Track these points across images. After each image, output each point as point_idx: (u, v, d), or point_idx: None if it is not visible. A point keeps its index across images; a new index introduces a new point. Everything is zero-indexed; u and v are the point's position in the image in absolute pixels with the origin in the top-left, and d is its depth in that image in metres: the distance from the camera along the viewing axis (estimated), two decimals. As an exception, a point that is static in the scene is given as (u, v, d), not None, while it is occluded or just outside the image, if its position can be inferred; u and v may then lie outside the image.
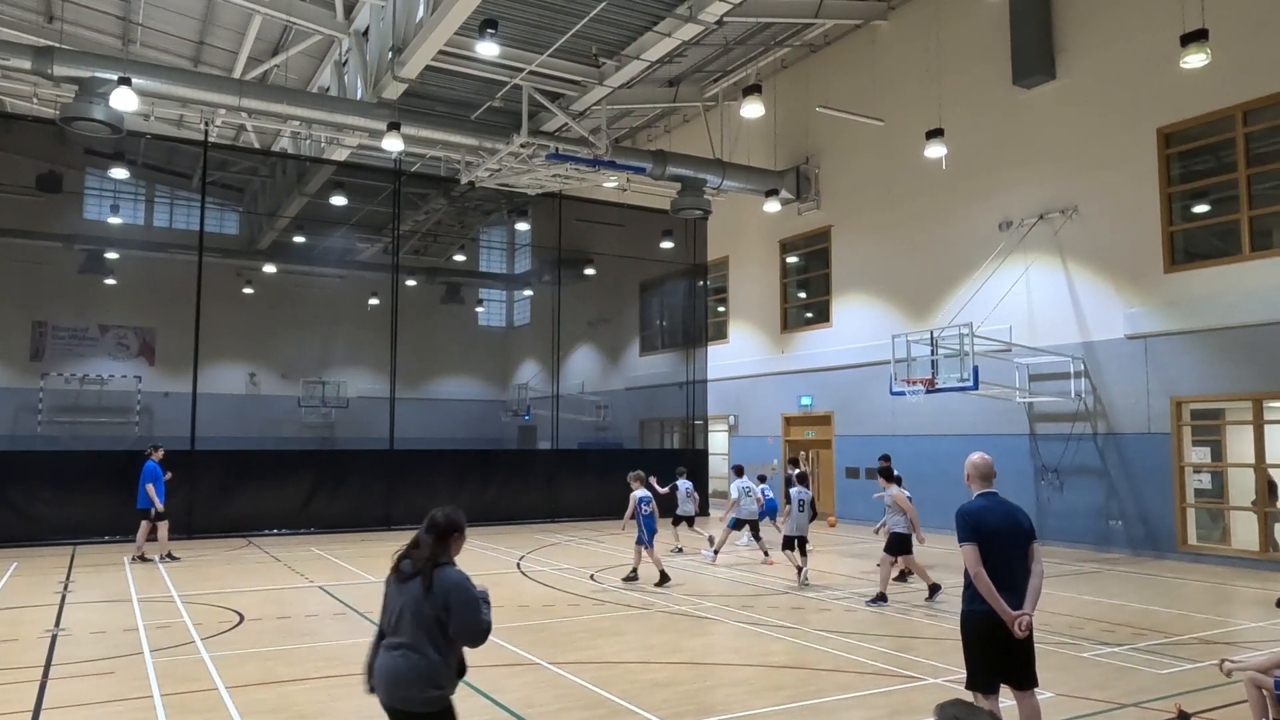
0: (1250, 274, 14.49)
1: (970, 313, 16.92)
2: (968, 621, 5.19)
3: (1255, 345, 14.32)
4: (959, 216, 19.35)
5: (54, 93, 17.12)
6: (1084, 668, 7.96)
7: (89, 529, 17.20)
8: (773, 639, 9.18)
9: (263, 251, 34.06)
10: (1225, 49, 14.19)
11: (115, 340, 33.35)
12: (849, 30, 22.19)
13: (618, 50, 19.43)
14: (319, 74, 23.95)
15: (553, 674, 7.67)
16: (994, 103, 18.67)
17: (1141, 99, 16.07)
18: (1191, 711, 6.41)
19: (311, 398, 35.48)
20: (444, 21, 16.21)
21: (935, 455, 18.48)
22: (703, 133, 24.24)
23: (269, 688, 7.16)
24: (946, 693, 6.99)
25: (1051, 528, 16.77)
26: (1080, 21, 17.26)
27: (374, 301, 33.49)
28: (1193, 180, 15.79)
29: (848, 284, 22.44)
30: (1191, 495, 15.45)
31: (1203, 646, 8.84)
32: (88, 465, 18.25)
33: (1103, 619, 10.15)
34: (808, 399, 23.34)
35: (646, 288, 30.75)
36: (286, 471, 19.80)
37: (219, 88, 18.23)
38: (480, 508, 21.13)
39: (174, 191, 34.30)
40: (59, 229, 30.49)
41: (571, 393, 31.84)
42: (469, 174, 22.13)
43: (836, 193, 22.88)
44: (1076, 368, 16.73)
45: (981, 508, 5.23)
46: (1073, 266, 17.13)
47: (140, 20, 22.13)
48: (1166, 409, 15.47)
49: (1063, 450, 17.00)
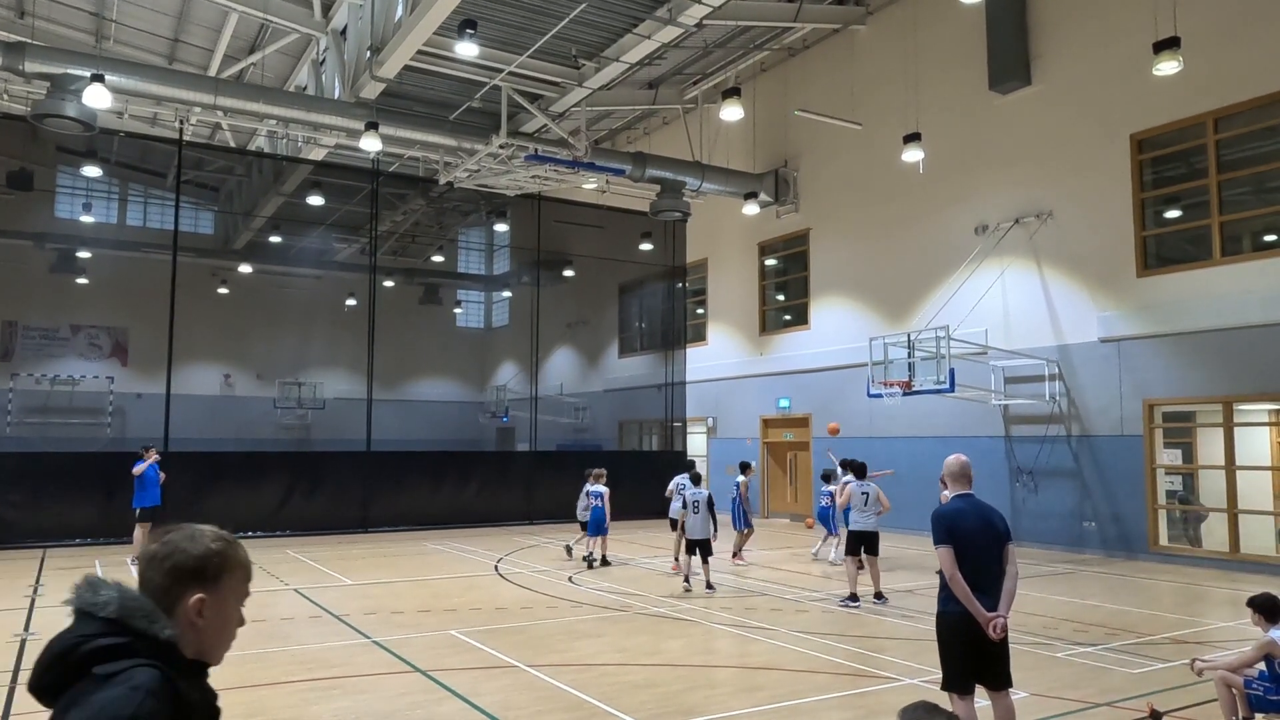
0: (1221, 279, 14.71)
1: (947, 316, 17.04)
2: (943, 622, 5.22)
3: (1225, 349, 14.52)
4: (936, 220, 19.50)
5: (25, 89, 16.88)
6: (1058, 668, 8.04)
7: (59, 532, 16.94)
8: (750, 640, 9.20)
9: (238, 251, 33.76)
10: (1197, 57, 14.39)
11: (87, 340, 32.94)
12: (827, 34, 22.31)
13: (597, 52, 19.43)
14: (296, 73, 23.77)
15: (531, 676, 7.65)
16: (970, 108, 18.83)
17: (1115, 105, 16.27)
18: (1163, 710, 6.49)
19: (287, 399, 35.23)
20: (423, 21, 16.13)
21: (912, 457, 18.59)
22: (682, 135, 24.28)
23: (243, 691, 7.09)
24: (922, 693, 7.03)
25: (1026, 529, 16.92)
26: (1055, 28, 17.46)
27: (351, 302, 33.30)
28: (1165, 186, 16.00)
29: (826, 286, 22.55)
30: (1163, 497, 15.65)
31: (1174, 646, 8.95)
32: (58, 467, 17.98)
33: (1076, 619, 10.25)
34: (786, 401, 23.42)
35: (625, 289, 30.75)
36: (262, 473, 19.62)
37: (194, 86, 18.04)
38: (458, 509, 21.06)
39: (148, 190, 33.95)
40: (30, 227, 30.11)
41: (550, 394, 31.80)
42: (447, 174, 22.05)
43: (815, 196, 22.99)
44: (1051, 370, 16.90)
45: (957, 510, 5.26)
46: (1047, 270, 17.31)
47: (114, 17, 21.87)
48: (1139, 411, 15.66)
49: (1037, 452, 17.16)
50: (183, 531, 1.88)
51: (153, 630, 1.72)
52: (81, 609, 1.74)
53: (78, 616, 1.74)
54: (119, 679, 1.64)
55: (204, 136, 25.16)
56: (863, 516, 11.84)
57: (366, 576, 13.69)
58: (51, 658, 1.70)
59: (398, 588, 12.64)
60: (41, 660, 1.71)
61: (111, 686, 1.63)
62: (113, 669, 1.65)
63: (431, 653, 8.51)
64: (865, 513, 11.85)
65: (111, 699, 1.61)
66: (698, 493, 12.54)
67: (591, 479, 14.92)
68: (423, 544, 17.92)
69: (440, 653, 8.53)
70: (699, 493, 12.54)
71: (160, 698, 1.64)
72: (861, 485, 12.06)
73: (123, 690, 1.62)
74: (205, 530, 1.89)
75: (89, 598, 1.74)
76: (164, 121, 20.73)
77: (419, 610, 10.76)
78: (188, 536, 1.86)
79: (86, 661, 1.67)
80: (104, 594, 1.74)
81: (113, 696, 1.61)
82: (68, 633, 1.72)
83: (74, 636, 1.70)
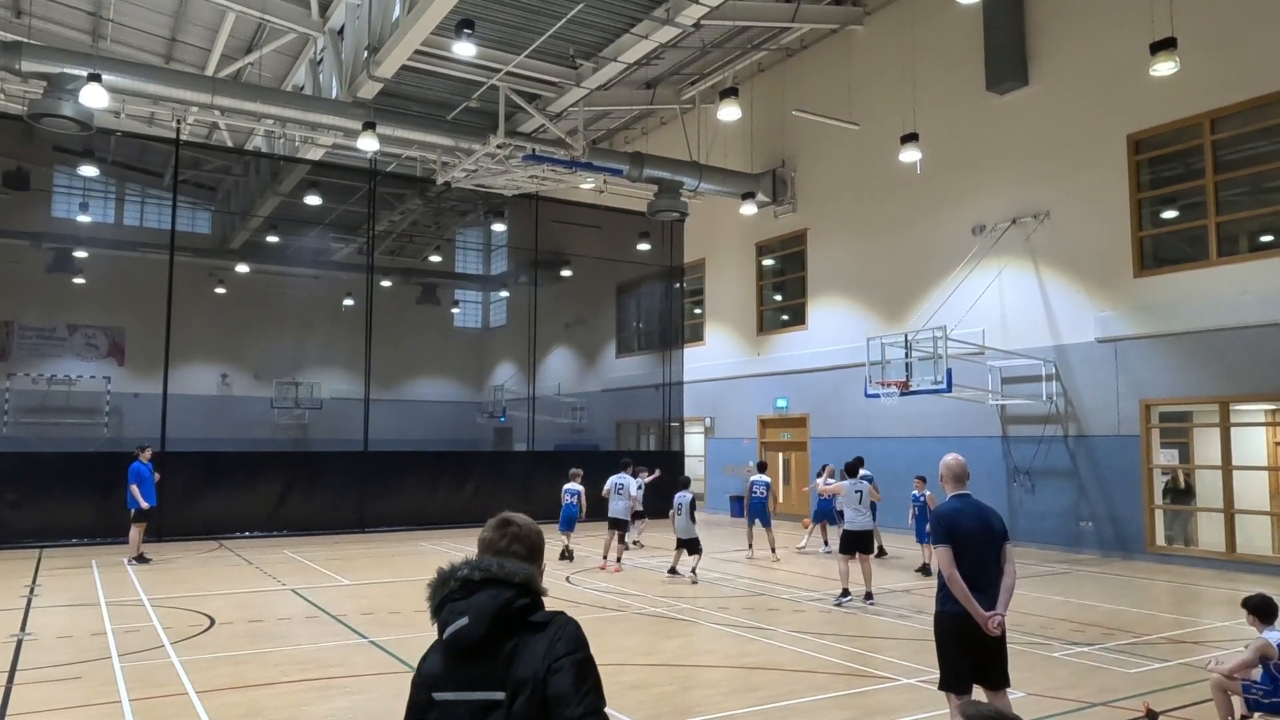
0: (1217, 279, 14.73)
1: (944, 316, 17.06)
2: (941, 622, 5.23)
3: (1222, 349, 14.55)
4: (933, 220, 19.52)
5: (22, 89, 16.85)
6: (1054, 667, 8.04)
7: (56, 532, 16.91)
8: (748, 640, 9.20)
9: (235, 251, 33.71)
10: (1194, 57, 14.41)
11: (84, 340, 32.89)
12: (825, 35, 22.32)
13: (595, 52, 19.42)
14: (293, 72, 23.74)
15: (528, 676, 7.62)
16: (968, 108, 18.85)
17: (1112, 106, 16.29)
18: (1159, 710, 6.50)
19: (285, 399, 35.19)
20: (420, 21, 16.12)
21: (909, 457, 18.60)
22: (680, 135, 24.27)
23: (239, 692, 7.08)
24: (920, 693, 7.04)
25: (1023, 529, 16.94)
26: (1052, 29, 17.47)
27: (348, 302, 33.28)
28: (1162, 186, 16.02)
29: (823, 287, 22.56)
30: (1159, 497, 15.67)
31: (1171, 646, 8.96)
32: (55, 467, 17.95)
33: (1073, 619, 10.26)
34: (783, 401, 23.43)
35: (623, 289, 30.74)
36: (259, 473, 19.58)
37: (191, 85, 18.02)
38: (455, 509, 21.04)
39: (145, 190, 33.91)
40: (26, 227, 30.05)
41: (548, 394, 31.80)
42: (445, 174, 22.04)
43: (812, 196, 23.00)
44: (1048, 371, 16.92)
45: (955, 510, 5.27)
46: (1044, 270, 17.33)
47: (111, 16, 21.84)
48: (1136, 411, 15.68)
49: (1034, 452, 17.18)
50: (520, 518, 2.52)
51: (539, 589, 2.35)
52: (496, 577, 2.29)
53: (486, 583, 2.28)
54: (554, 621, 2.29)
55: (201, 136, 25.13)
56: (857, 515, 11.86)
57: (364, 577, 13.68)
58: (492, 614, 2.24)
59: (395, 588, 12.63)
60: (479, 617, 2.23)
61: (553, 626, 2.27)
62: (543, 617, 2.29)
63: (429, 653, 8.50)
64: (860, 511, 11.88)
65: (567, 627, 2.28)
66: (682, 496, 13.54)
67: (571, 478, 15.82)
68: (420, 544, 17.91)
69: (437, 653, 8.51)
70: (683, 496, 13.54)
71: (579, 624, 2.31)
72: (855, 483, 12.11)
73: (567, 624, 2.29)
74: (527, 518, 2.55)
75: (502, 571, 2.31)
76: (161, 121, 20.72)
77: (416, 610, 10.75)
78: (527, 523, 2.51)
79: (521, 614, 2.26)
80: (511, 567, 2.32)
81: (567, 627, 2.28)
82: (488, 597, 2.26)
83: (501, 599, 2.26)
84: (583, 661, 2.23)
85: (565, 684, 2.18)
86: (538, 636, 2.24)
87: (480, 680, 2.23)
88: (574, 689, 2.18)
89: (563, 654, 2.21)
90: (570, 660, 2.20)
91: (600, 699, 2.21)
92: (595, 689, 2.22)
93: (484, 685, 2.23)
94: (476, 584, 2.28)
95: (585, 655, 2.24)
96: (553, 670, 2.19)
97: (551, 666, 2.19)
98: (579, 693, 2.18)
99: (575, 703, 2.17)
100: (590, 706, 2.18)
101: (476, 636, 2.23)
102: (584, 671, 2.21)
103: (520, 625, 2.25)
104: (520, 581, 2.28)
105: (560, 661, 2.20)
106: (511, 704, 2.19)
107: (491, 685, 2.22)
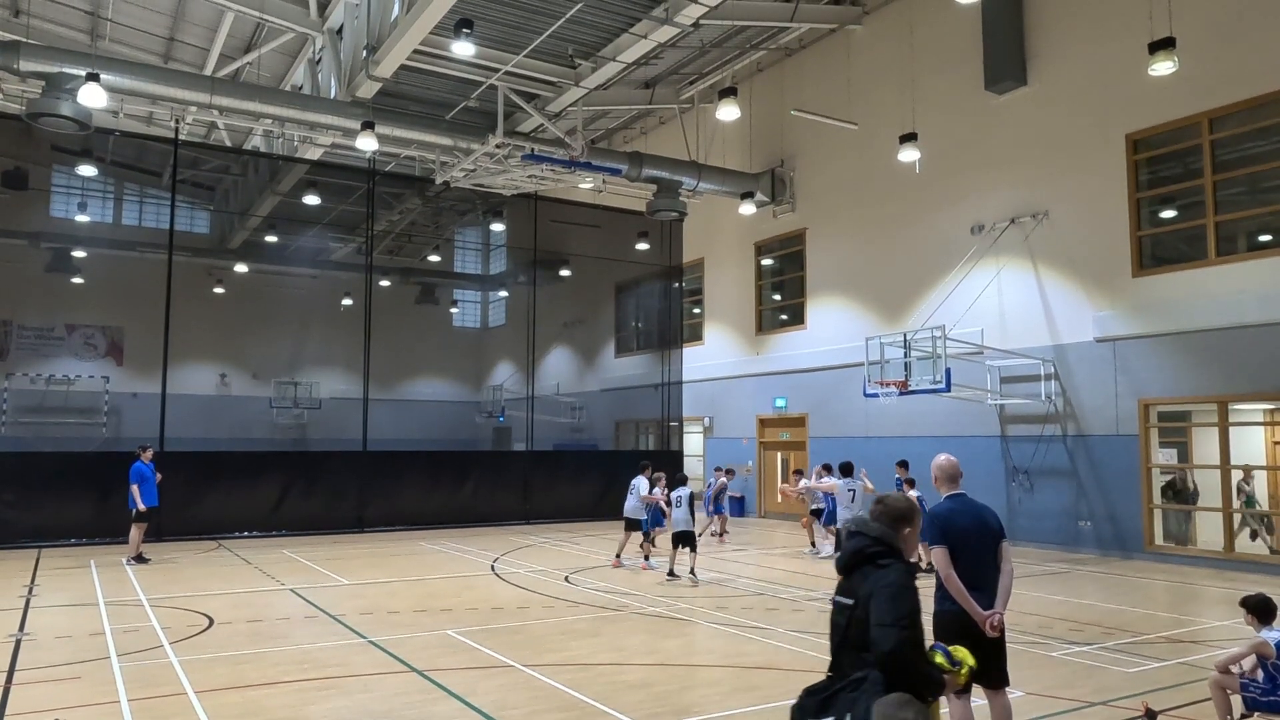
0: (1216, 278, 14.74)
1: (943, 315, 17.06)
2: (939, 621, 5.22)
3: (1221, 348, 14.56)
4: (932, 220, 19.52)
5: (20, 88, 16.83)
6: (1053, 667, 8.05)
7: (55, 532, 16.90)
8: (746, 640, 9.20)
9: (234, 251, 33.70)
10: (1192, 57, 14.43)
11: (82, 340, 32.87)
12: (824, 34, 22.33)
13: (594, 51, 19.42)
14: (292, 72, 23.73)
15: (527, 676, 7.64)
16: (966, 108, 18.85)
17: (1111, 105, 16.30)
18: (1158, 709, 6.50)
19: (283, 399, 35.17)
20: (419, 20, 16.12)
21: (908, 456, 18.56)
22: (678, 135, 24.27)
23: (238, 692, 7.08)
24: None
25: (1022, 528, 16.95)
26: (1051, 28, 17.48)
27: (347, 302, 33.25)
28: (1160, 186, 16.03)
29: (822, 286, 22.56)
30: (1158, 496, 15.68)
31: (1169, 645, 8.97)
32: (54, 467, 17.94)
33: (1072, 618, 10.27)
34: (782, 401, 23.43)
35: (622, 289, 30.75)
36: (258, 473, 19.57)
37: (190, 85, 18.00)
38: (454, 510, 21.05)
39: (143, 189, 33.87)
40: (25, 226, 30.02)
41: (546, 394, 31.79)
42: (444, 174, 22.02)
43: (811, 196, 23.01)
44: (1047, 370, 16.93)
45: (951, 510, 5.27)
46: (1043, 270, 17.34)
47: (109, 15, 21.83)
48: (1134, 411, 15.69)
49: (1033, 452, 17.19)
50: (889, 496, 3.83)
51: (894, 543, 3.59)
52: (859, 530, 3.64)
53: (855, 535, 3.64)
54: (891, 567, 3.50)
55: (199, 136, 25.13)
56: (849, 513, 11.92)
57: (362, 576, 13.68)
58: (851, 552, 3.59)
59: (394, 587, 12.63)
60: (846, 553, 3.63)
61: (888, 570, 3.48)
62: (886, 561, 3.52)
63: (427, 652, 8.51)
64: (851, 509, 11.94)
65: (895, 572, 3.48)
66: (681, 490, 13.60)
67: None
68: (419, 544, 17.90)
69: (436, 652, 8.52)
70: (682, 490, 13.61)
71: (908, 575, 3.50)
72: (848, 483, 12.19)
73: (897, 569, 3.49)
74: (901, 495, 3.87)
75: (864, 527, 3.65)
76: (159, 121, 20.72)
77: (415, 610, 10.75)
78: (894, 500, 3.75)
79: (871, 557, 3.55)
80: (873, 526, 3.62)
81: (895, 571, 3.48)
82: (855, 542, 3.61)
83: (860, 543, 3.60)
84: (895, 591, 3.38)
85: (879, 602, 3.38)
86: (879, 572, 3.48)
87: (845, 591, 3.57)
88: (880, 606, 3.36)
89: (884, 584, 3.42)
90: (886, 588, 3.40)
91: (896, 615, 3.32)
92: (894, 607, 3.34)
93: (845, 594, 3.56)
94: (852, 533, 3.66)
95: (898, 589, 3.39)
96: (874, 594, 3.41)
97: (874, 591, 3.41)
98: (881, 609, 3.35)
99: (879, 613, 3.35)
100: (882, 618, 3.33)
101: (842, 564, 3.65)
102: (892, 596, 3.37)
103: (868, 562, 3.53)
104: (874, 536, 3.59)
105: (881, 589, 3.40)
106: (854, 609, 3.46)
107: (848, 595, 3.53)
